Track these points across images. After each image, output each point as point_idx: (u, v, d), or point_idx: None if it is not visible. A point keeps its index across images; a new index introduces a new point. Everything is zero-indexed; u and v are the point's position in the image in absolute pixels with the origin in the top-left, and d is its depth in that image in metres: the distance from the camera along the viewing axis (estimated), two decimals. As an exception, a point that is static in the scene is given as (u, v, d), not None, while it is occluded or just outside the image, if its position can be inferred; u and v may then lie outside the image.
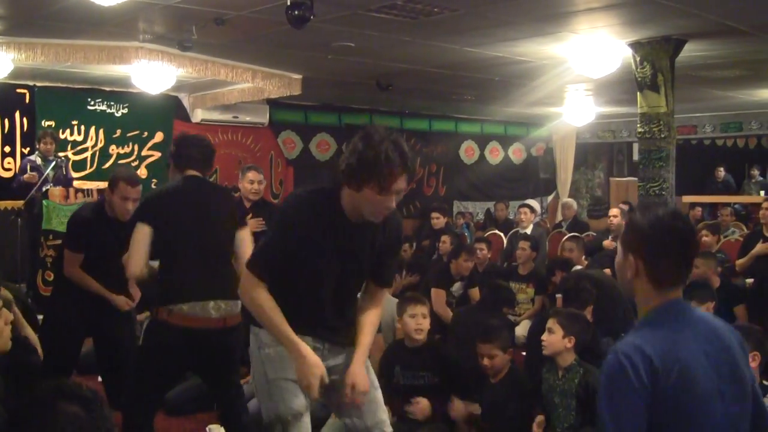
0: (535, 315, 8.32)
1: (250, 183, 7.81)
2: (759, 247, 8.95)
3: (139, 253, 4.77)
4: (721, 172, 18.27)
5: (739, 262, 9.46)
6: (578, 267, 8.98)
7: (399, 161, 3.41)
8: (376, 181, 3.41)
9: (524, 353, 7.05)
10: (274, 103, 13.49)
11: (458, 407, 5.46)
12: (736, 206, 16.30)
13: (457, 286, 8.83)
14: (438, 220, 12.17)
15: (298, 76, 10.95)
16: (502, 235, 12.68)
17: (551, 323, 5.31)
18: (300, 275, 3.65)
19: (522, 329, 8.08)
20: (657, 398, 2.49)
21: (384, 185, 3.42)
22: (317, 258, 3.62)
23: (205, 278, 4.84)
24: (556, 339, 5.23)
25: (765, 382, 4.61)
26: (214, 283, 4.85)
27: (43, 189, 9.43)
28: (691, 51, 8.92)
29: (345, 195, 3.58)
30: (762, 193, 17.59)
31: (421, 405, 5.46)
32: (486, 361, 5.44)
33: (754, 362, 4.47)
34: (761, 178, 19.10)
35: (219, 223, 5.08)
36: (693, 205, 15.76)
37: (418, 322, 5.65)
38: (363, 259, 3.73)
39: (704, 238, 10.84)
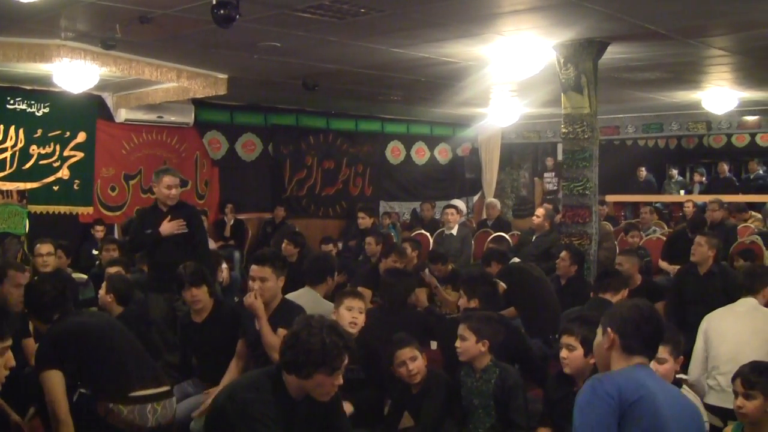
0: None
1: (168, 189, 7.67)
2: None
3: (61, 398, 4.75)
4: (643, 172, 18.62)
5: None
6: (516, 259, 9.02)
7: (342, 342, 3.77)
8: (328, 365, 3.72)
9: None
10: (199, 103, 13.35)
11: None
12: (657, 205, 16.64)
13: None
14: (364, 220, 12.17)
15: (224, 76, 10.84)
16: (428, 235, 12.73)
17: (462, 329, 5.31)
18: None
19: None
20: (624, 411, 3.14)
21: (336, 366, 3.75)
22: None
23: (139, 370, 4.95)
24: (470, 345, 5.25)
25: (678, 376, 4.71)
26: (147, 374, 4.98)
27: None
28: (613, 53, 9.06)
29: (290, 381, 3.81)
30: (682, 192, 17.98)
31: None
32: (410, 365, 5.33)
33: (678, 367, 4.57)
34: (680, 178, 19.52)
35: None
36: (615, 204, 16.05)
37: (353, 315, 5.68)
38: None
39: (632, 239, 11.08)
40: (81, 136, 12.46)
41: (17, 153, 11.79)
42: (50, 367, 4.77)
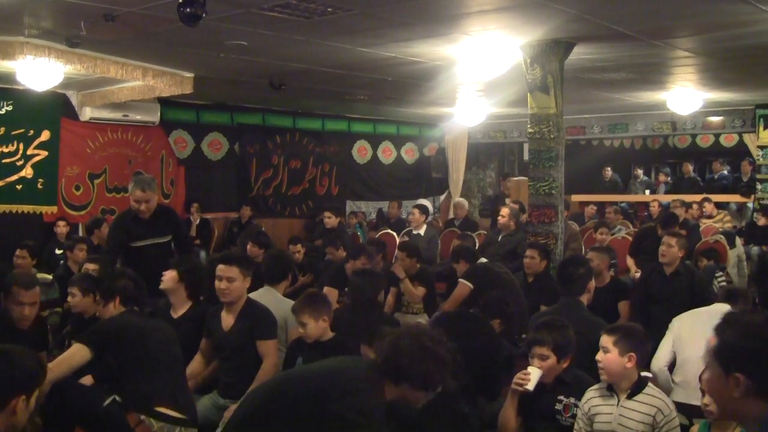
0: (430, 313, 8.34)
1: (136, 203, 7.41)
2: None
3: (66, 367, 4.68)
4: (609, 172, 18.73)
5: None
6: (483, 259, 8.99)
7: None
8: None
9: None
10: (165, 102, 13.27)
11: None
12: (622, 205, 16.75)
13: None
14: (330, 220, 12.15)
15: (190, 75, 10.79)
16: (394, 234, 12.72)
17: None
18: None
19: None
20: None
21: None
22: None
23: (175, 388, 4.90)
24: None
25: (643, 374, 4.72)
26: (182, 394, 4.94)
27: None
28: (579, 54, 9.10)
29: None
30: (647, 192, 18.11)
31: None
32: None
33: (630, 363, 4.55)
34: (646, 178, 19.65)
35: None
36: (586, 203, 16.14)
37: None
38: None
39: (600, 236, 11.14)
40: (45, 135, 12.36)
41: (-21, 152, 11.69)
42: (84, 344, 4.75)
